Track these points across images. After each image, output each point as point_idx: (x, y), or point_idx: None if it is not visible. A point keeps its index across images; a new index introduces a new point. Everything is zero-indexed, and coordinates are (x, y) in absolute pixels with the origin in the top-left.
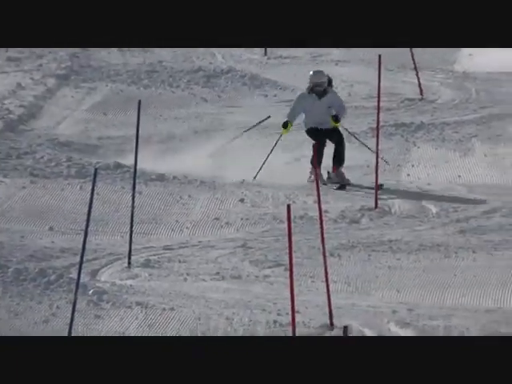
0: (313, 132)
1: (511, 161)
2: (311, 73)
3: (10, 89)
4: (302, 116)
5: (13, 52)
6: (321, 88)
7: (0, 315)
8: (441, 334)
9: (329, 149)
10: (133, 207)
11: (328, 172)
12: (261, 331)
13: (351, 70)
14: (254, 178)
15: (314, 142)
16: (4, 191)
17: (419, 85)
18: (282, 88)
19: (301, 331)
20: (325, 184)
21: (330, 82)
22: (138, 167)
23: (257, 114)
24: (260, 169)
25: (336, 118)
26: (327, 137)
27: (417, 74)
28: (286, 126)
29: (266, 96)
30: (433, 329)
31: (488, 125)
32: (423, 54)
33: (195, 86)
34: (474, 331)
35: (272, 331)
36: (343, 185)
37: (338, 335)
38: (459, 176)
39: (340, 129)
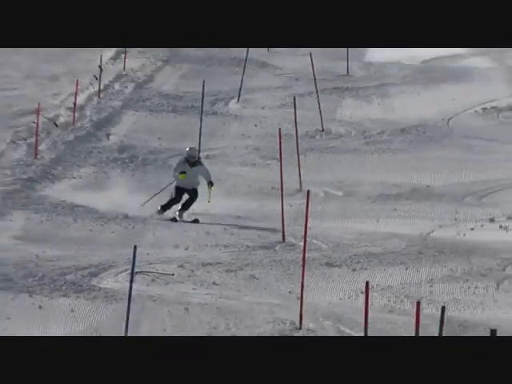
0: (179, 189)
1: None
2: (187, 149)
3: None
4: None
5: None
6: (193, 160)
7: None
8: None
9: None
10: None
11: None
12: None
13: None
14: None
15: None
16: None
17: (347, 66)
18: None
19: None
20: (175, 220)
21: (199, 158)
22: None
23: None
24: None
25: (211, 184)
26: (187, 193)
27: (347, 60)
28: (184, 172)
29: None
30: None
31: (386, 89)
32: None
33: None
34: None
35: None
36: (196, 219)
37: None
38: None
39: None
